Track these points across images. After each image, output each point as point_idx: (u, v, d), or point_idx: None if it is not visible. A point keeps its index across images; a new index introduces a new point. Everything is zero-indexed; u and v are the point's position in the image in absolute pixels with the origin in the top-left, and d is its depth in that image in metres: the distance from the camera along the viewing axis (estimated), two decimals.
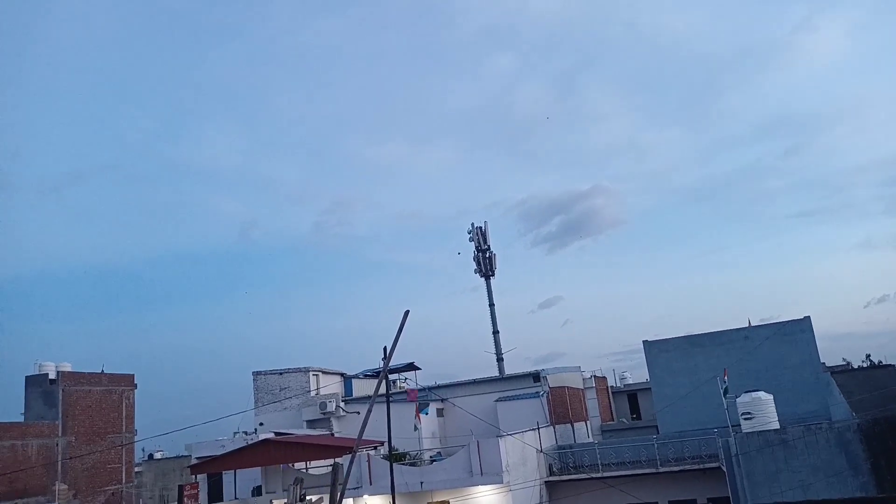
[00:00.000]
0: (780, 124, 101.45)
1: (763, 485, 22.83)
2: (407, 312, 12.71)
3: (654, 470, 26.80)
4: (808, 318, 30.54)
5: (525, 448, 26.62)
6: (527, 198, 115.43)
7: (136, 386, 42.90)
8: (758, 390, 25.13)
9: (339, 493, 9.37)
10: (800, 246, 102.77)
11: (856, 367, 33.33)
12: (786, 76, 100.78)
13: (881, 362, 32.98)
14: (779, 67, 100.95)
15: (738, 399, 25.01)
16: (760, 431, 23.59)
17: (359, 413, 15.82)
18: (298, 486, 8.65)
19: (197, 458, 31.44)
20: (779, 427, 24.02)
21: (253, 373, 38.15)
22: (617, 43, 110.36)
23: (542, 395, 33.08)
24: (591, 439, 35.07)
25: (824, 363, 30.96)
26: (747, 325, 31.88)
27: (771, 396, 24.94)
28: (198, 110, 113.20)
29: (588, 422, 37.98)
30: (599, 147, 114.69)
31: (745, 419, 24.47)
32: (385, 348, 12.88)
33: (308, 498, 9.03)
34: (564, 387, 35.72)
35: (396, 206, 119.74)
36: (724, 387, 25.36)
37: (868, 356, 34.44)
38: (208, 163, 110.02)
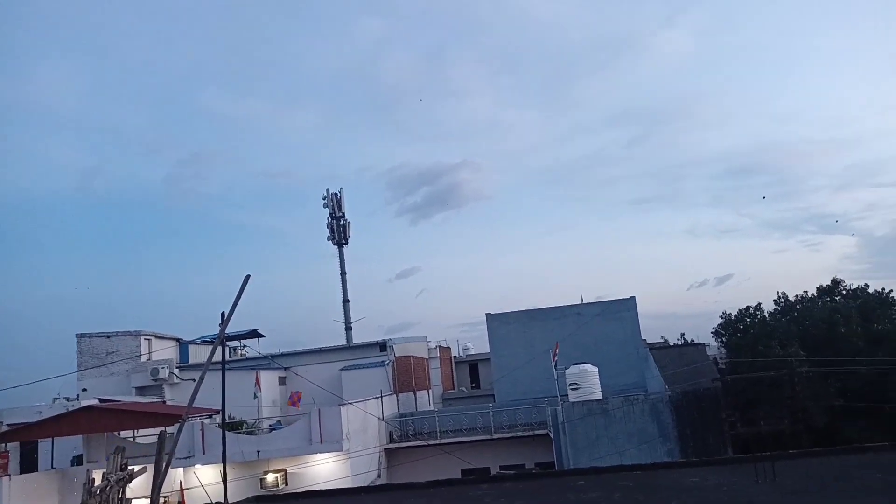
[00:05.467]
0: (625, 115, 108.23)
1: (584, 450, 24.67)
2: (248, 277, 12.32)
3: (488, 437, 28.07)
4: (633, 298, 33.15)
5: (367, 416, 26.88)
6: (397, 166, 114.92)
7: None
8: (585, 363, 26.99)
9: (164, 464, 8.97)
10: (634, 230, 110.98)
11: (672, 344, 36.59)
12: (634, 70, 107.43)
13: (693, 341, 36.39)
14: (628, 62, 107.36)
15: (567, 371, 26.73)
16: (585, 401, 25.41)
17: (195, 380, 15.24)
18: (119, 454, 8.12)
19: (9, 424, 28.81)
20: (601, 397, 26.00)
21: (77, 335, 35.38)
22: (485, 22, 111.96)
23: (388, 365, 33.49)
24: (432, 407, 36.06)
25: (645, 340, 33.74)
26: (580, 302, 34.06)
27: (596, 369, 26.87)
28: (30, 45, 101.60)
29: (430, 390, 38.98)
30: (465, 122, 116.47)
31: (573, 389, 26.23)
32: (223, 314, 12.44)
33: (130, 468, 8.50)
34: (410, 356, 36.37)
35: (257, 165, 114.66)
36: (555, 359, 26.96)
37: (683, 335, 37.86)
38: (42, 103, 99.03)
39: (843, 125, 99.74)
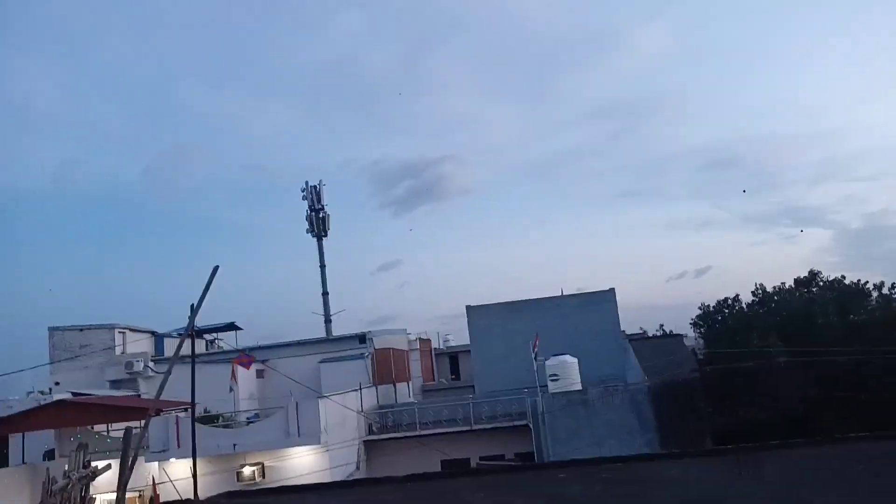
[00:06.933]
0: (606, 110, 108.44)
1: (564, 441, 24.63)
2: (216, 268, 12.00)
3: (468, 428, 27.94)
4: (612, 290, 33.18)
5: (345, 409, 26.62)
6: (379, 159, 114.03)
7: None
8: (564, 354, 26.93)
9: (130, 459, 8.69)
10: (615, 223, 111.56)
11: (651, 335, 36.74)
12: (614, 65, 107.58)
13: (671, 332, 36.59)
14: (609, 56, 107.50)
15: (547, 362, 26.66)
16: (565, 392, 25.37)
17: (170, 373, 15.03)
18: (82, 452, 7.82)
19: None
20: (581, 388, 25.97)
21: (49, 328, 34.67)
22: (465, 16, 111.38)
23: (367, 357, 33.21)
24: (412, 399, 35.88)
25: (624, 331, 33.83)
26: (560, 294, 34.02)
27: (576, 360, 26.85)
28: (3, 42, 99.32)
29: (410, 382, 38.79)
30: (447, 116, 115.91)
31: (552, 380, 26.18)
32: (192, 305, 12.12)
33: (94, 464, 8.17)
34: (390, 348, 36.11)
35: (236, 158, 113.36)
36: (535, 350, 26.87)
37: (662, 326, 38.10)
38: (17, 99, 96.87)
39: (818, 120, 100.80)
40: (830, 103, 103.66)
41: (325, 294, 50.46)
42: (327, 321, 49.81)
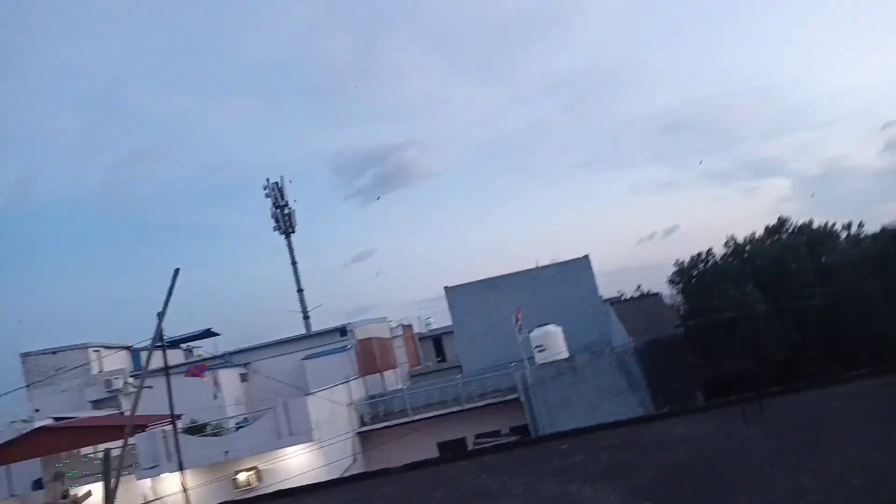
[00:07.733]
0: (560, 83, 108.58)
1: (558, 410, 24.59)
2: (177, 271, 11.60)
3: (460, 408, 27.78)
4: (587, 257, 33.20)
5: (334, 403, 26.29)
6: (340, 150, 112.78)
7: None
8: (548, 324, 26.84)
9: (112, 480, 8.28)
10: (580, 193, 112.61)
11: (629, 297, 36.85)
12: (567, 36, 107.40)
13: (649, 291, 36.71)
14: (561, 28, 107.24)
15: (531, 334, 26.56)
16: (552, 361, 25.31)
17: (152, 387, 14.54)
18: (59, 481, 7.46)
19: None
20: (568, 356, 25.93)
21: (21, 354, 33.69)
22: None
23: (350, 349, 32.85)
24: (400, 386, 35.63)
25: (602, 296, 33.89)
26: (535, 266, 33.93)
27: (560, 329, 26.77)
28: None
29: (397, 369, 38.55)
30: (405, 101, 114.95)
31: (539, 351, 26.10)
32: (158, 313, 11.65)
33: (73, 492, 7.82)
34: (372, 338, 35.77)
35: (195, 162, 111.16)
36: (517, 324, 26.75)
37: (639, 286, 38.22)
38: None
39: (767, 74, 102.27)
40: (776, 57, 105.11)
41: (300, 291, 49.89)
42: (306, 317, 49.28)
